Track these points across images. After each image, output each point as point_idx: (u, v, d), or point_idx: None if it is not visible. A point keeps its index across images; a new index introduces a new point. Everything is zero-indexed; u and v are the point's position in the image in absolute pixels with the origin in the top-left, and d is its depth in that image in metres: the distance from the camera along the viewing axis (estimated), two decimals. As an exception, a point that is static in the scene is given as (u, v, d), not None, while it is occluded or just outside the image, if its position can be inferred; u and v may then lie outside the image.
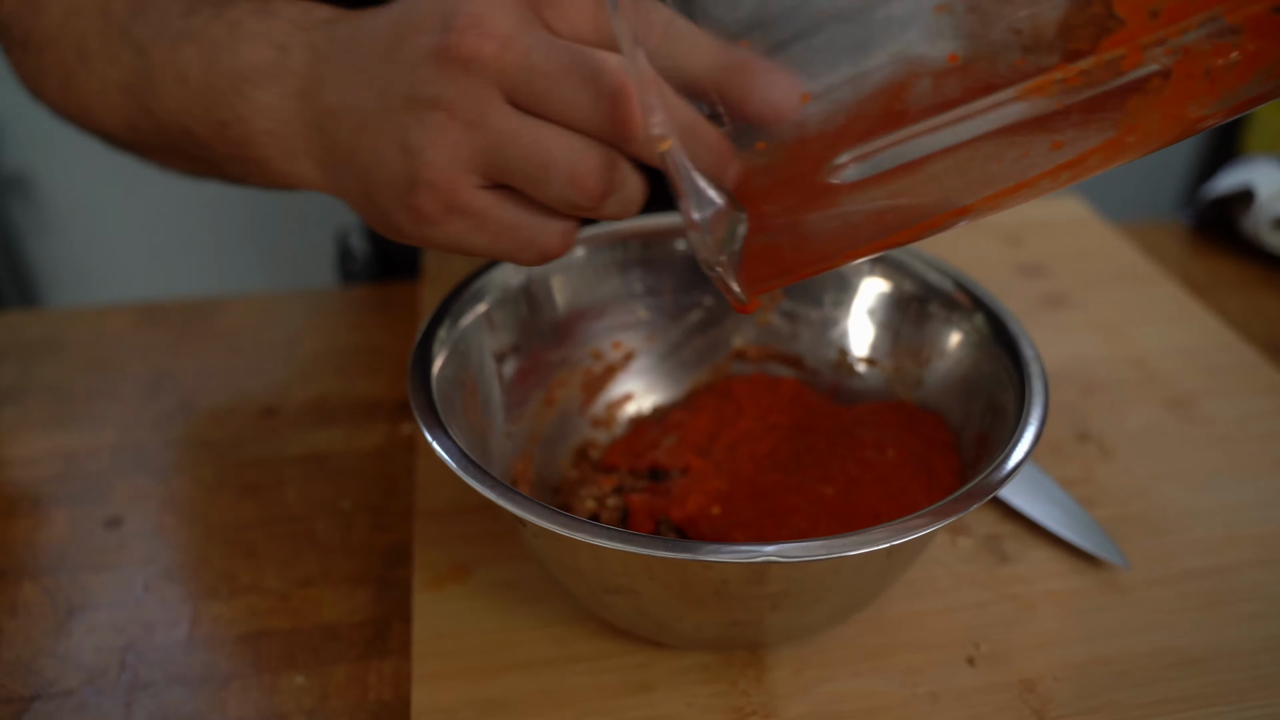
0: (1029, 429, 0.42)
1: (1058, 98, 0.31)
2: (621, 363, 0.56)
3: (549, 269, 0.53)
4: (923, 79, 0.31)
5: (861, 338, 0.55)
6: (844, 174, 0.33)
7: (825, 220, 0.35)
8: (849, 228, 0.35)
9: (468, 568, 0.50)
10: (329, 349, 0.68)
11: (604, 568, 0.40)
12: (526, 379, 0.52)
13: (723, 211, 0.34)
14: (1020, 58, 0.30)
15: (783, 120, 0.36)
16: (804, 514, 0.46)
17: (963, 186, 0.33)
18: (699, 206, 0.34)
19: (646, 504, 0.48)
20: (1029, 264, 0.76)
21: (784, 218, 0.35)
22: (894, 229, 0.35)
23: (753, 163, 0.34)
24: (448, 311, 0.48)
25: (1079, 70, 0.30)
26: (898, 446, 0.49)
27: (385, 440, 0.61)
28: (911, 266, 0.53)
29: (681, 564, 0.37)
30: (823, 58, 0.32)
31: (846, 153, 0.33)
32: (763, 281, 0.38)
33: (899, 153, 0.33)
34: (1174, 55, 0.29)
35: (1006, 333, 0.48)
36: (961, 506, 0.38)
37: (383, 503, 0.57)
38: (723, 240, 0.35)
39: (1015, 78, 0.31)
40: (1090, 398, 0.63)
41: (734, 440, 0.52)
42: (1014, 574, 0.51)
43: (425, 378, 0.44)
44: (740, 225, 0.35)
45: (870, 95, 0.32)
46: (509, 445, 0.50)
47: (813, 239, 0.35)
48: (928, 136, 0.32)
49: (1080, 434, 0.60)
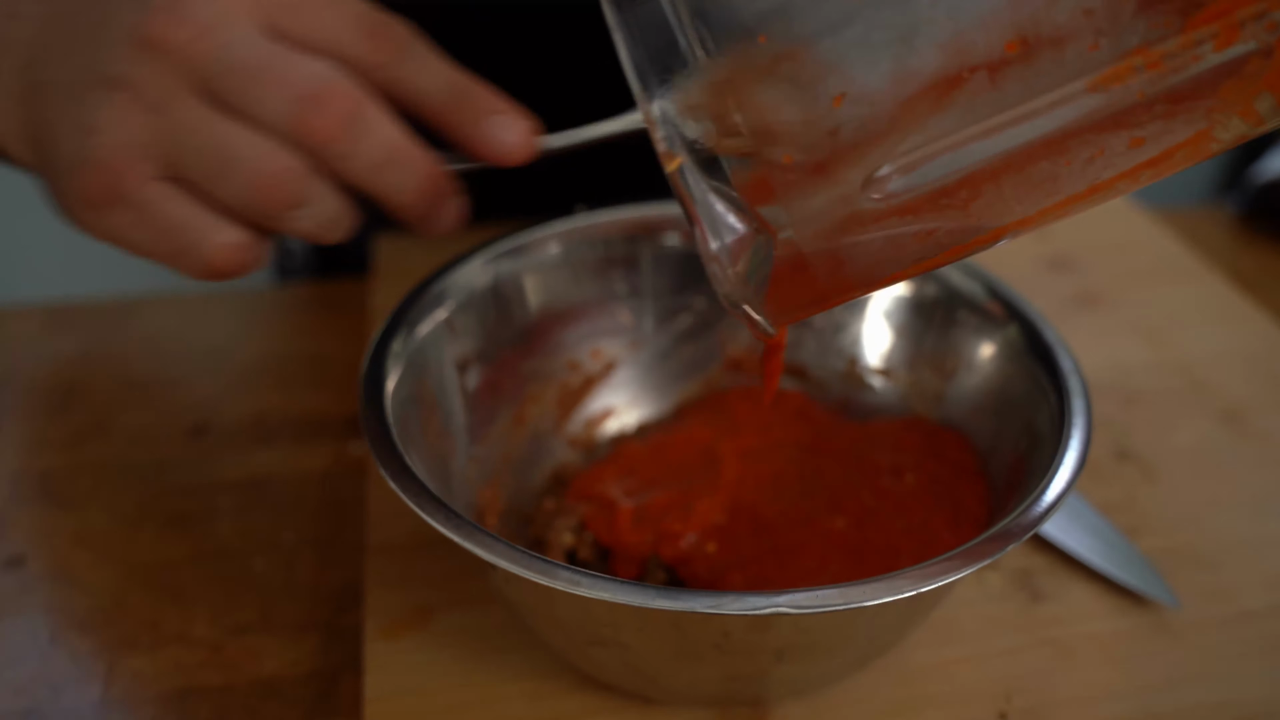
0: (1070, 454, 0.42)
1: (1138, 87, 0.29)
2: (602, 374, 0.56)
3: (521, 266, 0.53)
4: (977, 73, 0.30)
5: (876, 345, 0.55)
6: (887, 187, 0.32)
7: (865, 241, 0.33)
8: (893, 247, 0.34)
9: (429, 612, 0.50)
10: (266, 357, 0.68)
11: (587, 618, 0.40)
12: (494, 393, 0.52)
13: (745, 238, 0.33)
14: (1093, 43, 0.29)
15: (508, 164, 0.39)
16: (812, 551, 0.46)
17: (1025, 195, 0.32)
18: (716, 234, 0.33)
19: (631, 540, 0.48)
20: (1056, 258, 0.75)
21: (817, 239, 0.33)
22: (945, 246, 0.34)
23: (779, 179, 0.32)
24: (403, 319, 0.48)
25: (1163, 54, 0.29)
26: (917, 471, 0.49)
27: (332, 462, 0.60)
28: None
29: (676, 615, 0.37)
30: (857, 53, 0.30)
31: (889, 163, 0.32)
32: (792, 311, 0.37)
33: (951, 160, 0.31)
34: (1276, 31, 0.28)
35: (1042, 342, 0.48)
36: (997, 546, 0.38)
37: (330, 536, 0.56)
38: (747, 272, 0.34)
39: (1087, 67, 0.29)
40: (1130, 411, 0.63)
41: (733, 465, 0.51)
42: (1049, 615, 0.51)
43: (378, 398, 0.44)
44: (766, 252, 0.34)
45: (915, 95, 0.31)
46: (474, 470, 0.50)
47: (851, 262, 0.34)
48: (984, 140, 0.31)
49: (1120, 452, 0.60)
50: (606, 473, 0.52)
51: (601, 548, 0.49)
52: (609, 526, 0.49)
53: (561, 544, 0.50)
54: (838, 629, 0.40)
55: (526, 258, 0.53)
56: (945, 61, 0.30)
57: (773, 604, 0.35)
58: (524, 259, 0.53)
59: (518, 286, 0.53)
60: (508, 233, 0.53)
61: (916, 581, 0.36)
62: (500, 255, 0.53)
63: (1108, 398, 0.63)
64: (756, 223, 0.33)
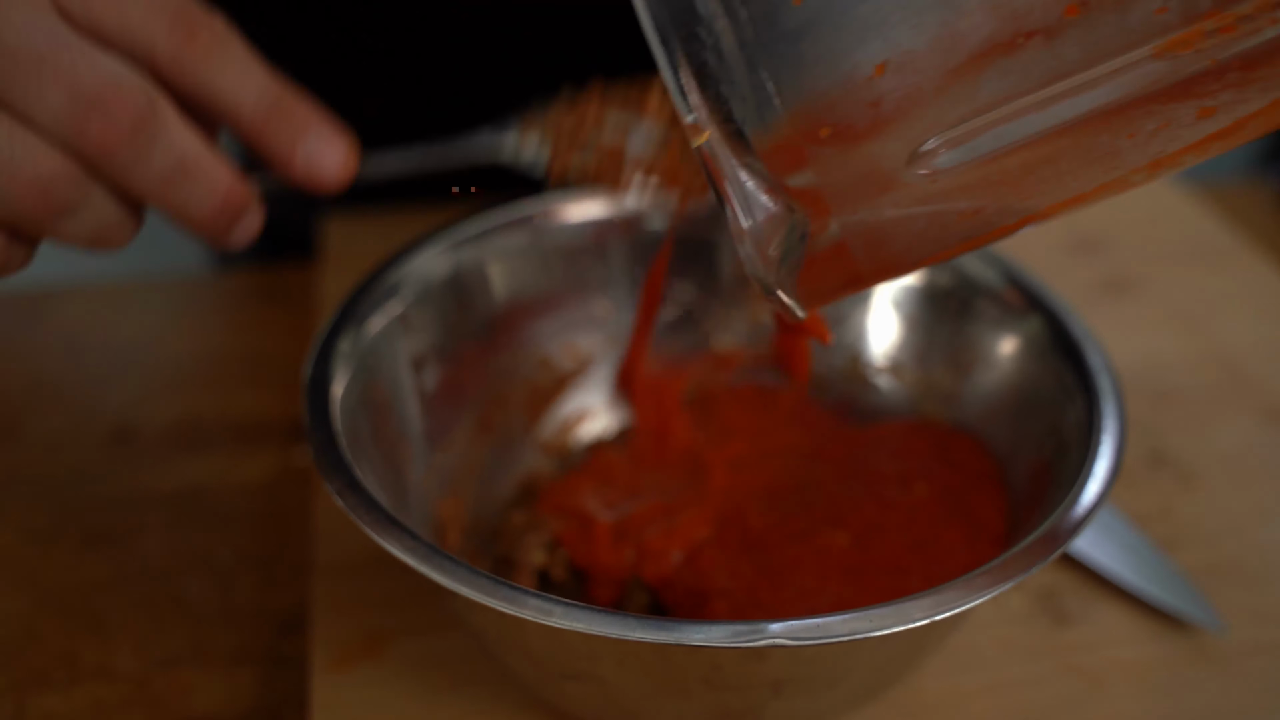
0: (1102, 461, 0.42)
1: (1210, 53, 0.29)
2: (576, 372, 0.56)
3: (485, 252, 0.53)
4: (1033, 39, 0.30)
5: (882, 339, 0.55)
6: (933, 162, 0.33)
7: (908, 219, 0.34)
8: (937, 226, 0.34)
9: (383, 640, 0.50)
10: (199, 354, 0.68)
11: (560, 649, 0.40)
12: (455, 395, 0.52)
13: (778, 216, 0.34)
14: (1160, 5, 0.29)
15: (321, 191, 0.38)
16: (810, 570, 0.46)
17: (1083, 170, 0.32)
18: (748, 212, 0.34)
19: (609, 560, 0.48)
20: (1081, 239, 0.75)
21: (856, 216, 0.34)
22: (993, 225, 0.34)
23: (814, 154, 0.33)
24: (352, 313, 0.48)
25: (1237, 16, 0.29)
26: (928, 480, 0.49)
27: (275, 472, 0.60)
28: None
29: (660, 646, 0.37)
30: (900, 16, 0.30)
31: (936, 136, 0.32)
32: (827, 293, 0.37)
33: (1003, 133, 0.32)
34: None
35: (1068, 335, 0.48)
36: (1021, 567, 0.38)
37: (272, 554, 0.56)
38: (781, 254, 0.35)
39: (1153, 31, 0.29)
40: (1165, 409, 0.63)
41: (723, 473, 0.51)
42: (1077, 639, 0.50)
43: (323, 402, 0.44)
44: (801, 232, 0.34)
45: (964, 63, 0.31)
46: (434, 481, 0.50)
47: (892, 241, 0.35)
48: (1040, 112, 0.31)
49: (1154, 456, 0.60)
50: (582, 483, 0.52)
51: (577, 567, 0.49)
52: (584, 545, 0.49)
53: (532, 563, 0.50)
54: (841, 660, 0.40)
55: (491, 243, 0.53)
56: (998, 25, 0.30)
57: (767, 635, 0.35)
58: (488, 244, 0.53)
59: (481, 275, 0.53)
60: (470, 215, 0.53)
61: (931, 608, 0.36)
62: (461, 240, 0.52)
63: (1139, 395, 0.63)
64: (790, 200, 0.34)
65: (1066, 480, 0.42)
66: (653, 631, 0.35)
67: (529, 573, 0.49)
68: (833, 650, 0.38)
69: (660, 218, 0.55)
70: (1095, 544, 0.54)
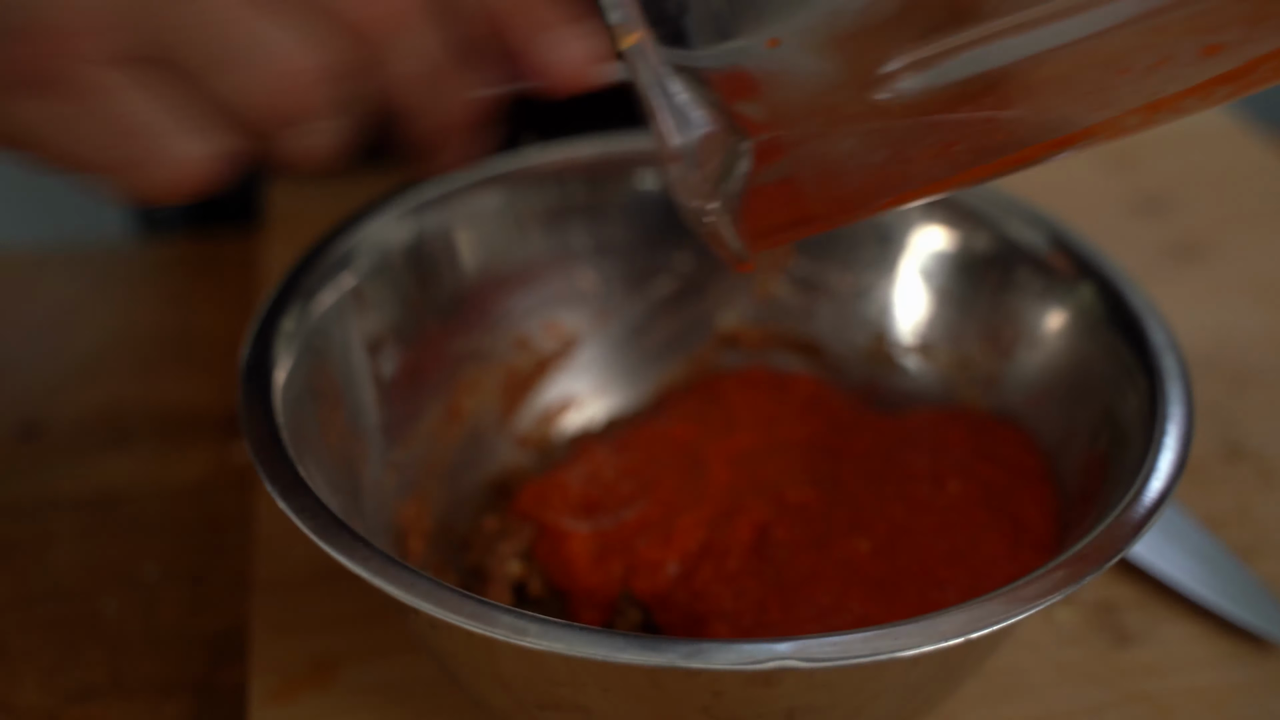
0: (1167, 453, 0.42)
1: None
2: (559, 354, 0.56)
3: (452, 217, 0.53)
4: None
5: (910, 314, 0.55)
6: (897, 86, 0.33)
7: (867, 149, 0.35)
8: (900, 161, 0.35)
9: (333, 665, 0.49)
10: (122, 335, 0.67)
11: (538, 675, 0.40)
12: (417, 381, 0.52)
13: (715, 135, 0.35)
14: None
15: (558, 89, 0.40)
16: (827, 582, 0.46)
17: (1068, 107, 0.33)
18: (681, 128, 0.34)
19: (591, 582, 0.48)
20: (1145, 196, 0.75)
21: (807, 145, 0.35)
22: (964, 165, 0.35)
23: (761, 67, 0.33)
24: (298, 287, 0.48)
25: None
26: (965, 477, 0.49)
27: (208, 473, 0.60)
28: (986, 212, 0.53)
29: (653, 670, 0.36)
30: None
31: (900, 55, 0.33)
32: (771, 232, 0.38)
33: (976, 57, 0.32)
34: None
35: (1127, 308, 0.48)
36: (1072, 576, 0.38)
37: (205, 568, 0.56)
38: (716, 177, 0.35)
39: None
40: (1243, 395, 0.62)
41: (726, 471, 0.51)
42: (1140, 662, 0.50)
43: (264, 391, 0.44)
44: (742, 157, 0.35)
45: None
46: (393, 481, 0.50)
47: (847, 175, 0.35)
48: (1018, 36, 0.32)
49: (1230, 449, 0.60)
50: (563, 483, 0.52)
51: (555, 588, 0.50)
52: (560, 563, 0.49)
53: (507, 575, 0.50)
54: (863, 686, 0.40)
55: (458, 206, 0.53)
56: None
57: (776, 656, 0.35)
58: (455, 208, 0.53)
59: (447, 243, 0.53)
60: (435, 178, 0.53)
61: (966, 625, 0.36)
62: (424, 203, 0.53)
63: (1212, 377, 0.63)
64: (731, 119, 0.34)
65: (1125, 476, 0.42)
66: (644, 653, 0.35)
67: (503, 586, 0.50)
68: (853, 674, 0.38)
69: (657, 176, 0.55)
70: (1161, 551, 0.53)
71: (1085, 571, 0.38)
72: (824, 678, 0.38)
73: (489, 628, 0.36)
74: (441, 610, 0.36)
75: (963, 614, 0.36)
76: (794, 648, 0.35)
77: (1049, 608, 0.51)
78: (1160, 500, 0.40)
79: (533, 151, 0.55)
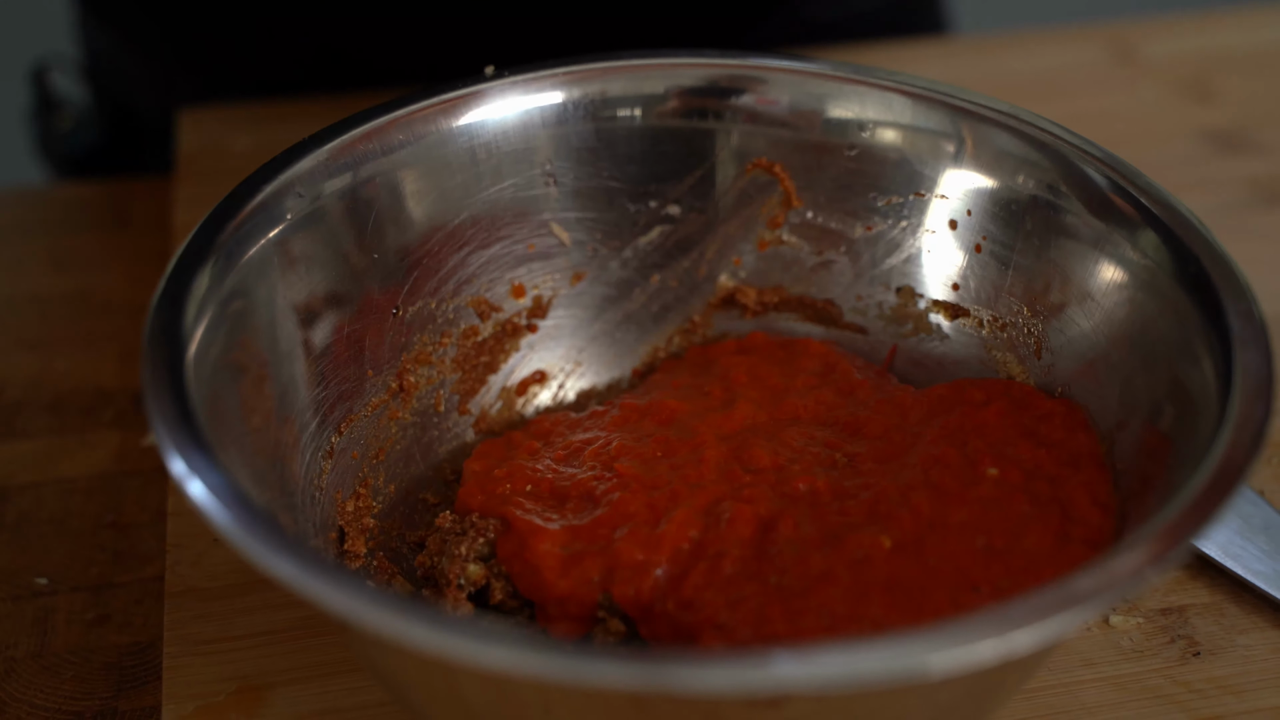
0: (1242, 430, 0.41)
1: None
2: (529, 319, 0.56)
3: (397, 158, 0.53)
4: None
5: (942, 269, 0.55)
6: None
7: None
8: None
9: (261, 689, 0.50)
10: (9, 301, 0.67)
11: (502, 699, 0.40)
12: (357, 352, 0.52)
13: None
14: None
15: None
16: (841, 586, 0.46)
17: None
18: None
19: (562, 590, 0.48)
20: (1225, 131, 0.75)
21: None
22: None
23: None
24: (213, 242, 0.47)
25: None
26: (1005, 460, 0.49)
27: (114, 461, 0.60)
28: (1031, 145, 0.53)
29: (637, 695, 0.37)
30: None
31: None
32: None
33: None
34: None
35: (1196, 261, 0.47)
36: (1129, 573, 0.38)
37: (108, 576, 0.56)
38: None
39: None
40: None
41: (722, 454, 0.51)
42: (1214, 677, 0.50)
43: (174, 366, 0.43)
44: None
45: None
46: (331, 470, 0.50)
47: None
48: None
49: None
50: (528, 470, 0.52)
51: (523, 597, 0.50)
52: (527, 566, 0.49)
53: (465, 580, 0.50)
54: (882, 710, 0.40)
55: (403, 146, 0.53)
56: None
57: (778, 675, 0.35)
58: (399, 147, 0.53)
59: (392, 186, 0.53)
60: (374, 107, 0.53)
61: (1002, 635, 0.36)
62: (362, 141, 0.52)
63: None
64: None
65: (1193, 458, 0.42)
66: (625, 672, 0.35)
67: (461, 594, 0.50)
68: (869, 697, 0.38)
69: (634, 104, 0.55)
70: (1238, 546, 0.53)
71: (1144, 569, 0.38)
72: (837, 700, 0.38)
73: (443, 645, 0.36)
74: (387, 624, 0.36)
75: (999, 620, 0.36)
76: (800, 666, 0.35)
77: (1105, 614, 0.52)
78: (1234, 484, 0.40)
79: (493, 80, 0.54)
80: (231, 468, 0.41)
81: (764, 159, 0.56)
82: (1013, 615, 0.36)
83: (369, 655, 0.43)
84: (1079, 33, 0.86)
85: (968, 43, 0.90)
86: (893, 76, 0.55)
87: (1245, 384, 0.43)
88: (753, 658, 0.36)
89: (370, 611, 0.37)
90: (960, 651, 0.36)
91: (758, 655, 0.36)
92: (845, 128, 0.55)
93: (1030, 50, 0.84)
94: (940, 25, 0.95)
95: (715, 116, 0.56)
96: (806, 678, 0.35)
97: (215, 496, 0.40)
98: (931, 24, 0.94)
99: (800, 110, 0.55)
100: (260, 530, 0.39)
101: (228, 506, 0.39)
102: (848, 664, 0.35)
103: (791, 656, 0.35)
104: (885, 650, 0.36)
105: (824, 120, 0.55)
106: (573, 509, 0.50)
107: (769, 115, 0.56)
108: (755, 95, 0.56)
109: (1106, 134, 0.54)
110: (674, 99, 0.55)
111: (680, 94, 0.55)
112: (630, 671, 0.35)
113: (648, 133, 0.55)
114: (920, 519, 0.48)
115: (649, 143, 0.55)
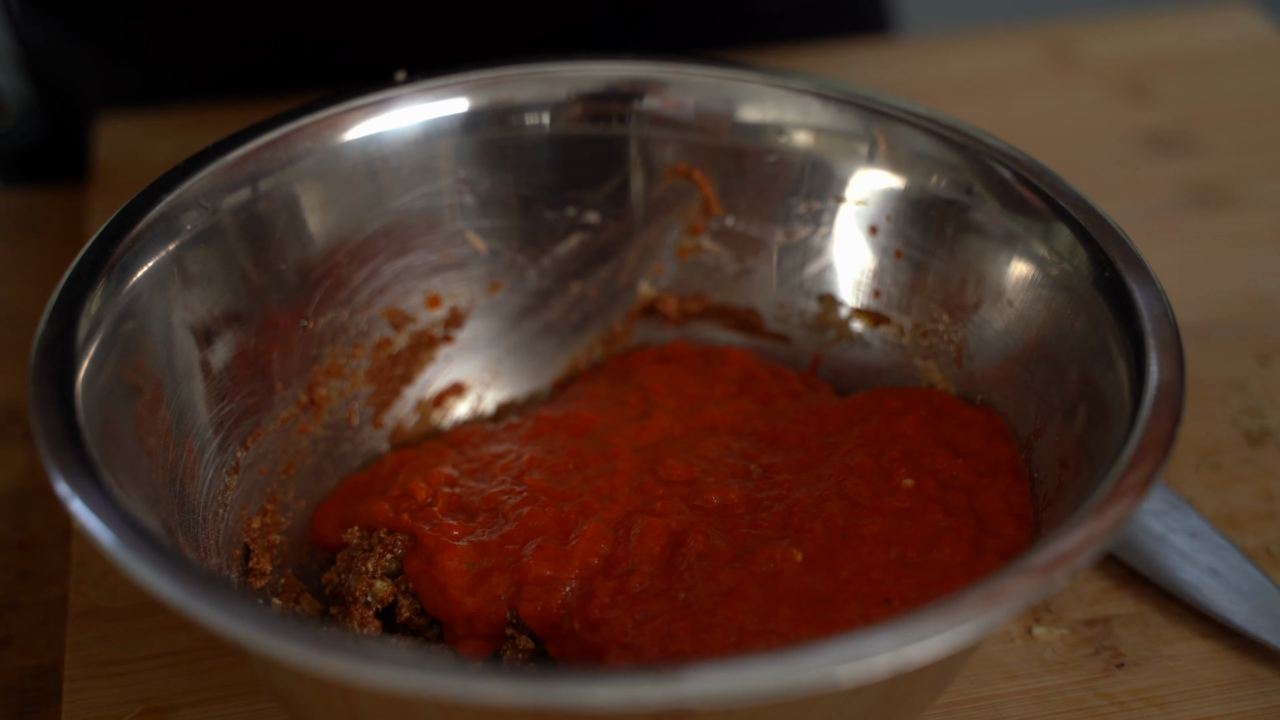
0: (1152, 431, 0.41)
1: None
2: (445, 329, 0.56)
3: (298, 170, 0.53)
4: None
5: (863, 276, 0.55)
6: None
7: None
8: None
9: (165, 711, 0.50)
10: None
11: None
12: (261, 369, 0.52)
13: None
14: None
15: None
16: (752, 600, 0.46)
17: None
18: None
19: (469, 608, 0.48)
20: (1161, 130, 0.76)
21: None
22: None
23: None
24: (106, 257, 0.47)
25: None
26: (921, 470, 0.50)
27: (22, 478, 0.60)
28: (945, 146, 0.53)
29: (539, 711, 0.37)
30: None
31: None
32: None
33: None
34: None
35: (1112, 265, 0.47)
36: (1038, 581, 0.38)
37: (12, 594, 0.56)
38: None
39: None
40: (1272, 367, 0.63)
41: (636, 466, 0.51)
42: (1138, 689, 0.50)
43: (62, 385, 0.43)
44: None
45: None
46: (235, 485, 0.51)
47: None
48: None
49: (1256, 431, 0.60)
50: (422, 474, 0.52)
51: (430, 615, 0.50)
52: (434, 582, 0.49)
53: (372, 597, 0.50)
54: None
55: (304, 156, 0.53)
56: None
57: (673, 692, 0.35)
58: (300, 158, 0.53)
59: (291, 202, 0.53)
60: (275, 116, 0.53)
61: (901, 644, 0.36)
62: (262, 151, 0.52)
63: (1239, 346, 0.63)
64: None
65: (1102, 465, 0.42)
66: (525, 690, 0.35)
67: (368, 610, 0.50)
68: (772, 710, 0.38)
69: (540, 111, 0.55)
70: (1164, 555, 0.54)
71: (1051, 575, 0.38)
72: (747, 715, 0.38)
73: (341, 666, 0.35)
74: (282, 645, 0.36)
75: (900, 631, 0.36)
76: (696, 681, 0.35)
77: (1025, 624, 0.52)
78: (1145, 485, 0.40)
79: (400, 86, 0.54)
80: (123, 487, 0.41)
81: (682, 165, 0.56)
82: (911, 625, 0.36)
83: (270, 677, 0.43)
84: (1017, 34, 0.86)
85: (907, 45, 0.91)
86: (803, 79, 0.55)
87: (1157, 389, 0.43)
88: (650, 673, 0.36)
89: (265, 631, 0.36)
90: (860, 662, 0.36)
91: (652, 673, 0.36)
92: (756, 131, 0.56)
93: (968, 51, 0.85)
94: (883, 14, 0.96)
95: (621, 121, 0.56)
96: (704, 693, 0.35)
97: (98, 516, 0.39)
98: (875, 12, 0.95)
99: (707, 113, 0.56)
100: (144, 549, 0.39)
101: (110, 526, 0.39)
102: (744, 679, 0.35)
103: (685, 675, 0.35)
104: (782, 662, 0.36)
105: (733, 123, 0.55)
106: (482, 523, 0.51)
107: (675, 119, 0.56)
108: (660, 99, 0.56)
109: (1043, 135, 0.55)
110: (578, 104, 0.55)
111: (583, 99, 0.55)
112: (527, 687, 0.35)
113: (559, 139, 0.56)
114: (833, 530, 0.48)
115: (561, 149, 0.56)
